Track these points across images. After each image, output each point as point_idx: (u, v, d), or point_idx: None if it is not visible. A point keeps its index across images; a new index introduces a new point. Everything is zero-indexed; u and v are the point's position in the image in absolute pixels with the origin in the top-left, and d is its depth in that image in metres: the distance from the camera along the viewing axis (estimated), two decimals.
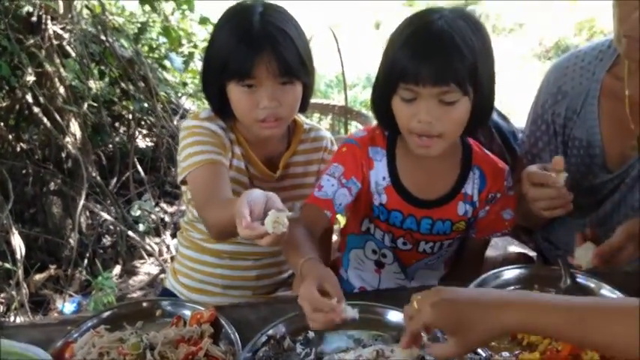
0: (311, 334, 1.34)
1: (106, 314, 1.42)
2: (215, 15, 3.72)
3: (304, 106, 1.68)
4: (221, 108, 1.63)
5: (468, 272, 1.57)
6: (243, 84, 1.53)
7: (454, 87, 1.40)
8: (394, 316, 1.36)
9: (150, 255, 3.32)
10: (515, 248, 2.54)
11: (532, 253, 2.13)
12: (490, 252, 2.35)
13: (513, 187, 1.71)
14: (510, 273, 1.51)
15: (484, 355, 1.23)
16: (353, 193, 1.61)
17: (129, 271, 3.30)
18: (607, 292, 1.43)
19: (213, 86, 1.60)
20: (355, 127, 4.11)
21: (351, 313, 1.22)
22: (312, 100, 4.81)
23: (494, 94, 1.55)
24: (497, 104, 1.84)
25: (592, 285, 1.45)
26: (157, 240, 3.38)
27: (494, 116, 2.04)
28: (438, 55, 1.40)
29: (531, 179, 1.53)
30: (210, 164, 1.57)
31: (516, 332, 1.25)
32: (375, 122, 1.68)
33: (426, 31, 1.43)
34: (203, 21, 3.49)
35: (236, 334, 1.32)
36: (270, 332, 1.32)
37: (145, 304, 1.47)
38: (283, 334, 1.33)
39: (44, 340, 1.34)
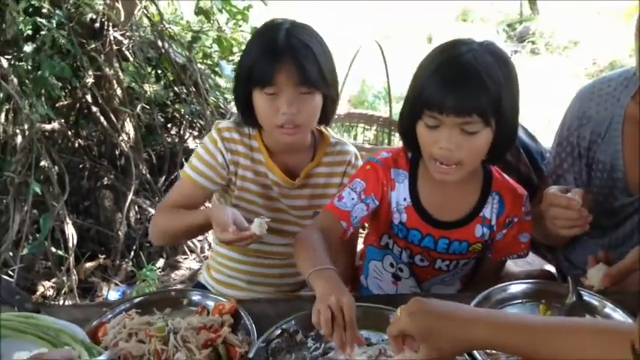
0: (322, 331, 1.43)
1: (137, 300, 1.55)
2: None
3: (327, 119, 1.78)
4: (248, 115, 1.74)
5: (482, 289, 1.63)
6: (265, 92, 1.64)
7: (476, 118, 1.47)
8: None
9: (192, 251, 3.47)
10: (550, 267, 2.57)
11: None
12: (516, 267, 2.41)
13: (534, 208, 1.76)
14: (516, 287, 1.56)
15: (480, 359, 1.30)
16: (369, 209, 1.69)
17: (172, 265, 3.45)
18: (610, 310, 1.47)
19: (241, 94, 1.72)
20: (399, 139, 4.19)
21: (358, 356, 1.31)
22: (358, 111, 4.93)
23: (517, 126, 1.62)
24: (546, 123, 1.91)
25: (596, 303, 1.50)
26: (200, 237, 3.53)
27: (523, 136, 2.10)
28: (463, 87, 1.47)
29: (550, 201, 1.59)
30: (192, 184, 1.81)
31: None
32: None
33: (454, 63, 1.49)
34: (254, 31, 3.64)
35: (253, 325, 1.42)
36: (285, 326, 1.42)
37: (173, 294, 1.60)
38: (296, 329, 1.42)
39: (82, 319, 1.46)
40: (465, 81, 1.48)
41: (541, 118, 4.72)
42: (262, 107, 1.68)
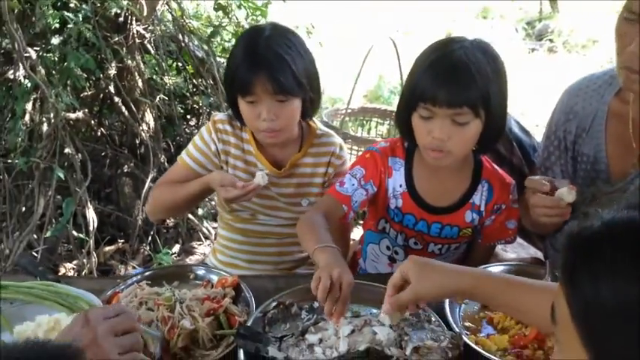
0: (316, 304, 1.55)
1: (148, 273, 1.70)
2: (286, 20, 4.00)
3: (309, 115, 1.95)
4: (237, 115, 1.90)
5: None
6: (246, 100, 1.79)
7: (466, 110, 1.61)
8: None
9: (206, 238, 3.62)
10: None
11: None
12: (511, 254, 2.52)
13: (521, 198, 1.88)
14: (496, 269, 1.68)
15: (457, 330, 1.42)
16: (368, 194, 1.83)
17: (187, 251, 3.60)
18: None
19: (228, 96, 1.89)
20: None
21: (345, 329, 1.43)
22: (372, 105, 5.03)
23: (505, 118, 1.75)
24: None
25: None
26: (214, 225, 3.67)
27: (517, 131, 2.21)
28: (454, 81, 1.60)
29: (532, 186, 1.70)
30: (187, 169, 1.99)
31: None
32: None
33: (447, 59, 1.63)
34: None
35: (252, 298, 1.57)
36: (281, 299, 1.55)
37: (181, 269, 1.75)
38: (292, 302, 1.56)
39: (98, 289, 1.61)
40: (456, 76, 1.61)
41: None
42: (245, 112, 1.84)
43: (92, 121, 3.52)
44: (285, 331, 1.48)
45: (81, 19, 3.02)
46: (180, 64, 3.84)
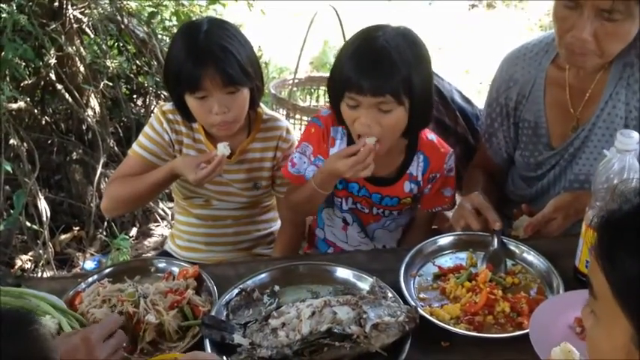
0: (277, 288, 1.61)
1: (108, 270, 1.71)
2: None
3: (256, 104, 1.97)
4: (185, 112, 1.91)
5: (417, 237, 1.86)
6: (195, 96, 1.80)
7: (390, 98, 1.66)
8: (343, 273, 1.64)
9: (163, 218, 3.62)
10: None
11: None
12: None
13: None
14: (445, 240, 1.75)
15: (413, 304, 1.50)
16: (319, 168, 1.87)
17: (144, 233, 3.60)
18: (525, 254, 1.69)
19: (174, 95, 1.88)
20: None
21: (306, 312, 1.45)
22: (319, 74, 5.01)
23: (430, 103, 1.81)
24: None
25: (514, 248, 1.71)
26: (170, 205, 3.67)
27: (459, 100, 2.28)
28: (377, 70, 1.66)
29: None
30: (140, 158, 1.98)
31: None
32: None
33: (368, 48, 1.69)
34: (212, 1, 3.74)
35: (214, 287, 1.59)
36: (242, 286, 1.59)
37: (141, 263, 1.76)
38: (253, 287, 1.60)
39: (60, 290, 1.61)
40: (378, 64, 1.66)
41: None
42: (196, 109, 1.84)
43: (35, 110, 3.44)
44: (248, 317, 1.52)
45: (15, 8, 2.92)
46: (121, 45, 3.76)
